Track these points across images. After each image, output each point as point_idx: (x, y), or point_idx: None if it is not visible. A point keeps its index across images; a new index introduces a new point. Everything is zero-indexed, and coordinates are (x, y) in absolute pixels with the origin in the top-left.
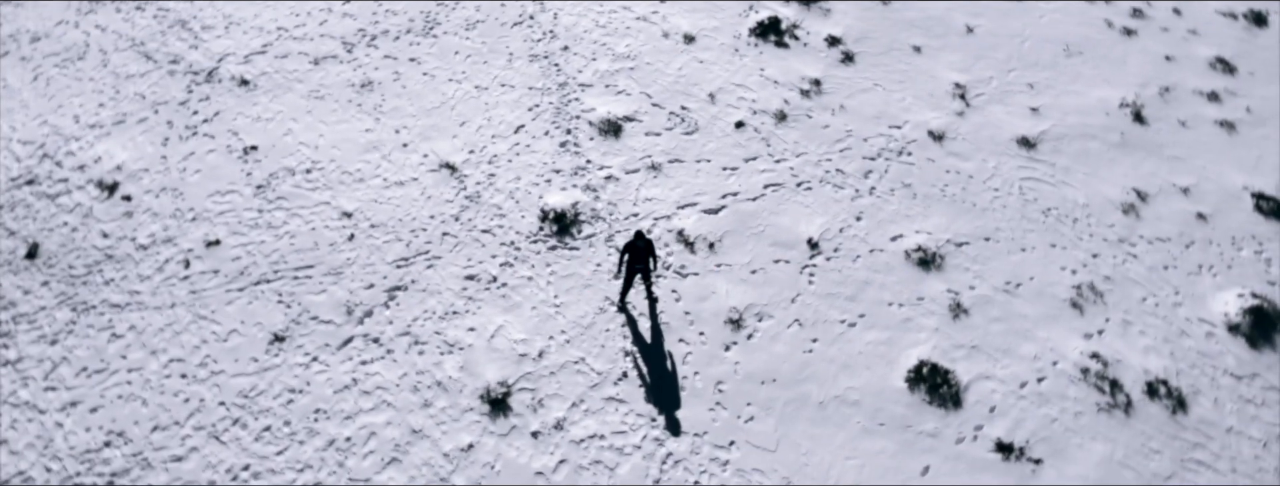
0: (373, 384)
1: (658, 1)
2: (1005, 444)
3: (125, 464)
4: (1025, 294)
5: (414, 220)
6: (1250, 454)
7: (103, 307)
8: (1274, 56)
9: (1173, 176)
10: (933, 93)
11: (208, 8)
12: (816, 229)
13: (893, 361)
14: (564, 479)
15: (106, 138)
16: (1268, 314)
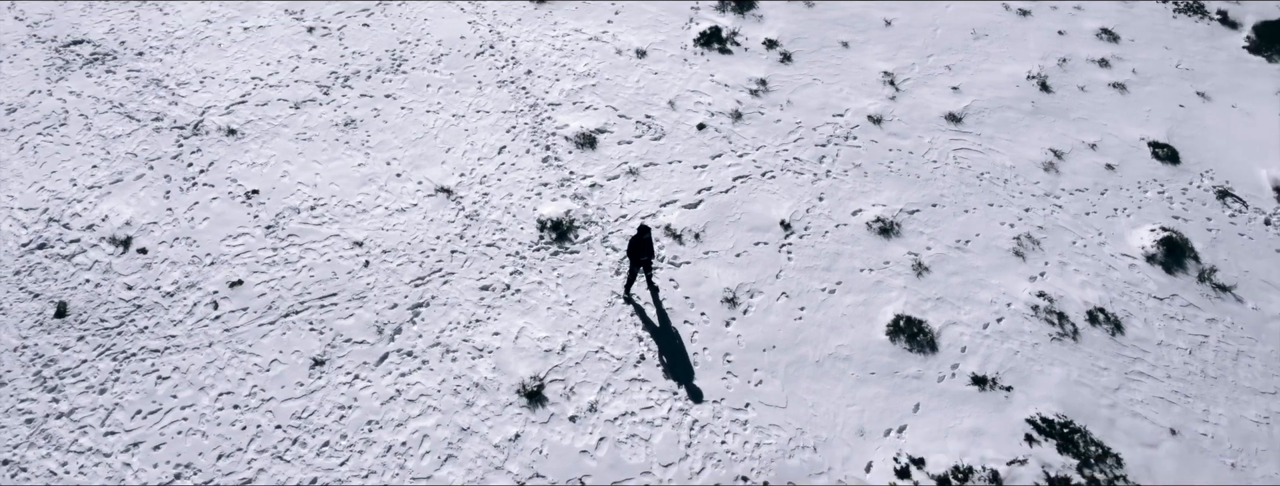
0: (416, 392)
1: (606, 23)
2: (979, 377)
3: None
4: (974, 248)
5: (422, 242)
6: (1180, 361)
7: (143, 354)
8: (1149, 24)
9: (1081, 135)
10: (865, 82)
11: (178, 65)
12: (786, 212)
13: (872, 319)
14: (606, 454)
15: (108, 197)
16: (1177, 243)
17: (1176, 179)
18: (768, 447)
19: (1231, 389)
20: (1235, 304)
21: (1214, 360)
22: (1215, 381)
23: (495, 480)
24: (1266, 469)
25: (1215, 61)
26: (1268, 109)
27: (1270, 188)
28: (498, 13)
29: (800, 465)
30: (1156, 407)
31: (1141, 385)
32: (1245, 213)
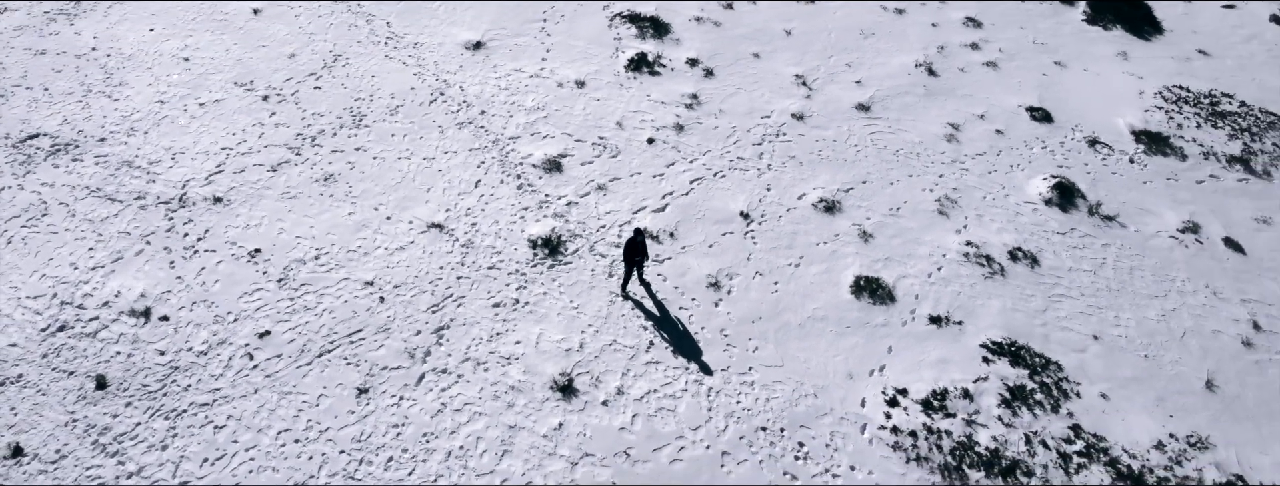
0: (460, 402)
1: (541, 61)
2: (935, 316)
3: None
4: (906, 213)
5: (428, 274)
6: (1088, 281)
7: (192, 409)
8: (1004, 9)
9: (970, 109)
10: (781, 85)
11: (145, 145)
12: (742, 204)
13: (836, 282)
14: (641, 427)
15: (114, 275)
16: (1066, 187)
17: (1053, 135)
18: (776, 400)
19: (1132, 297)
20: (1120, 229)
21: (1114, 276)
22: (1118, 293)
23: (552, 465)
24: (1171, 355)
25: (1063, 34)
26: (1112, 69)
27: (1128, 133)
28: (438, 62)
29: (806, 410)
30: (1078, 320)
31: (1063, 304)
32: (1113, 155)
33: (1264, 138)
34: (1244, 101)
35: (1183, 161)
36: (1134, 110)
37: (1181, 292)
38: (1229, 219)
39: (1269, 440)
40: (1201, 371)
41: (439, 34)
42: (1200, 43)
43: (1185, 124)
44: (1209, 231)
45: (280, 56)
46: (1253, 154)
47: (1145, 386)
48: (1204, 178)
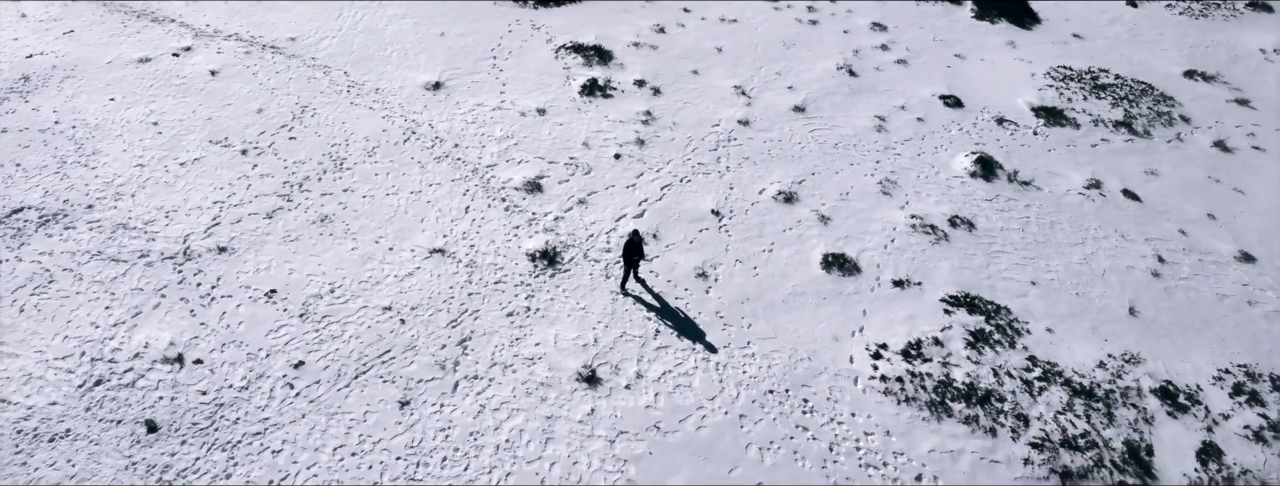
0: (497, 402)
1: (500, 94)
2: (898, 280)
3: None
4: (855, 197)
5: (440, 294)
6: (1018, 237)
7: (247, 439)
8: (903, 12)
9: (891, 102)
10: (723, 97)
11: (136, 208)
12: (711, 203)
13: (807, 261)
14: (665, 403)
15: (137, 329)
16: (986, 160)
17: (966, 117)
18: (777, 366)
19: (1056, 247)
20: (1037, 191)
21: (1038, 231)
22: (1044, 244)
23: (592, 445)
24: (1097, 290)
25: (957, 31)
26: (1005, 57)
27: (1028, 110)
28: (403, 104)
29: (804, 372)
30: (1016, 271)
31: (1001, 259)
32: (1019, 130)
33: (1139, 103)
34: (1118, 74)
35: (1077, 130)
36: (1030, 90)
37: (1096, 238)
38: (1123, 174)
39: (1186, 350)
40: (1124, 301)
41: (397, 79)
42: (1073, 28)
43: (1074, 98)
44: (1109, 186)
45: (248, 112)
46: (1133, 118)
47: (1080, 318)
48: (1097, 141)
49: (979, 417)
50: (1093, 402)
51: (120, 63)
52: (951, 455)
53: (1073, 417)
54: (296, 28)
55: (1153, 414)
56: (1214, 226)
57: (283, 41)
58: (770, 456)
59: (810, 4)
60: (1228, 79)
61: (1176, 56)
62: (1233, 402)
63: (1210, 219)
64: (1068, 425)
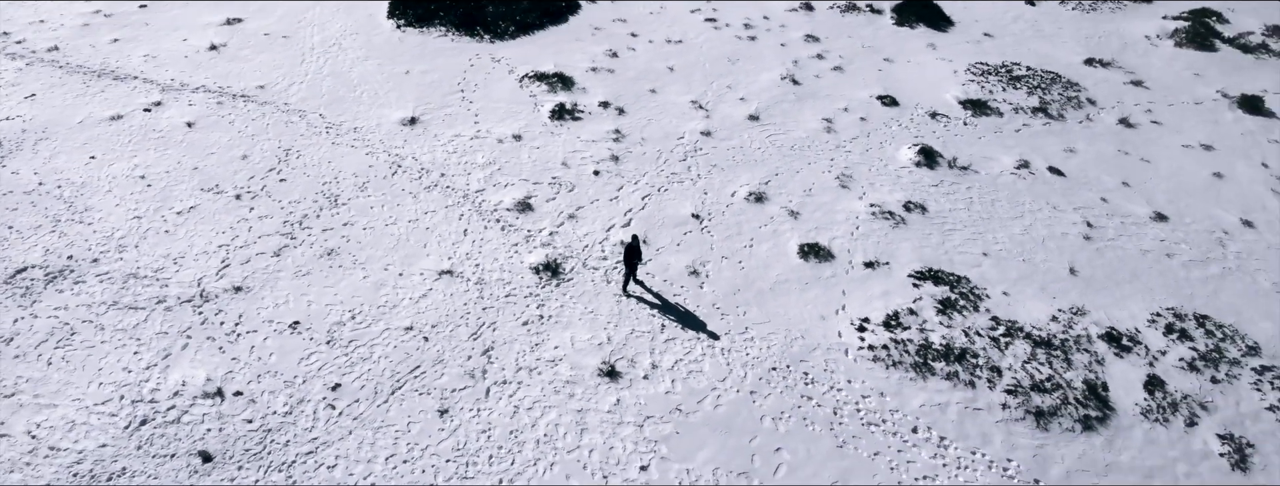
0: (529, 402)
1: (475, 124)
2: (868, 262)
3: None
4: (817, 192)
5: (456, 311)
6: (965, 216)
7: (301, 458)
8: (832, 24)
9: (834, 105)
10: (683, 112)
11: (142, 257)
12: (690, 208)
13: (785, 252)
14: (682, 387)
15: (170, 369)
16: (928, 150)
17: (903, 114)
18: (775, 346)
19: (1000, 221)
20: (975, 174)
21: (982, 209)
22: (989, 220)
23: (624, 431)
24: (1040, 256)
25: (882, 37)
26: (928, 58)
27: (956, 103)
28: (383, 140)
29: (800, 349)
30: (969, 245)
31: (954, 236)
32: (951, 121)
33: (1051, 90)
34: (1029, 66)
35: (1001, 117)
36: (955, 85)
37: (1031, 211)
38: (1046, 153)
39: (1122, 300)
40: (1063, 263)
41: (373, 117)
42: (983, 28)
43: (994, 89)
44: (1036, 165)
45: (233, 159)
46: (1047, 103)
47: (1030, 281)
48: (1019, 127)
49: (958, 373)
50: (1052, 351)
51: (92, 121)
52: (940, 407)
53: (1037, 365)
54: (262, 76)
55: (1103, 356)
56: (1129, 192)
57: (252, 90)
58: (783, 424)
59: (746, 21)
60: (1122, 64)
61: (1076, 47)
62: (1167, 340)
63: (1125, 186)
64: (1034, 372)
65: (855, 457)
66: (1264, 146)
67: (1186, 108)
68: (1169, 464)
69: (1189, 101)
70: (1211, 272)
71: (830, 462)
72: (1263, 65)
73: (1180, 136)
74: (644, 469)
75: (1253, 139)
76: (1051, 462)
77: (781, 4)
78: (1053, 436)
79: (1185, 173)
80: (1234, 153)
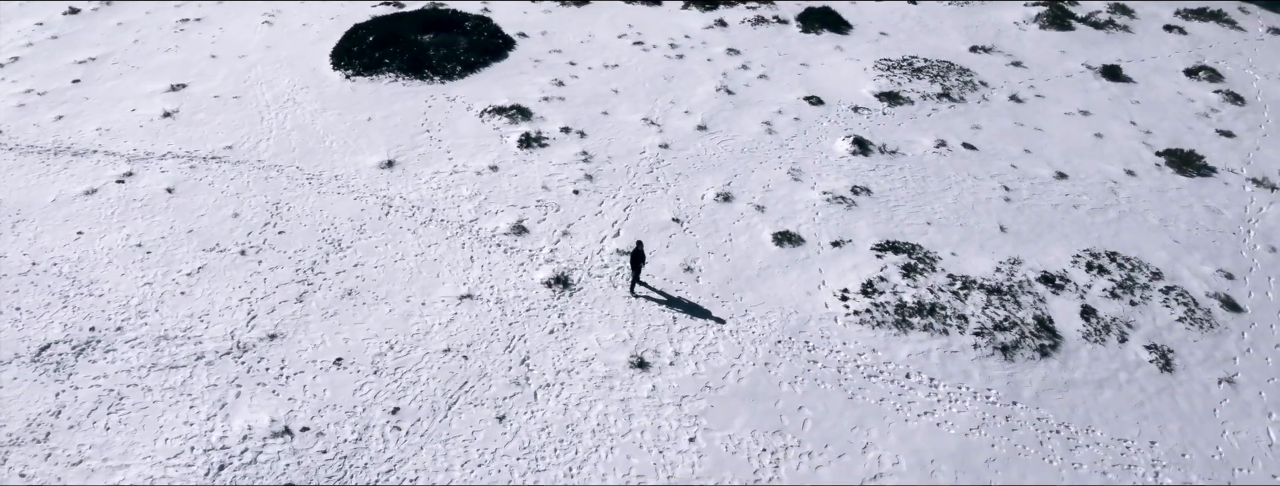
0: (575, 399)
1: (449, 161)
2: (835, 242)
3: None
4: (775, 187)
5: (485, 330)
6: (905, 192)
7: (381, 477)
8: (748, 36)
9: (769, 109)
10: (638, 129)
11: (166, 320)
12: (669, 213)
13: (761, 242)
14: (705, 368)
15: (231, 417)
16: (861, 140)
17: (830, 111)
18: (775, 323)
19: (932, 194)
20: (903, 157)
21: (916, 185)
22: (924, 194)
23: (666, 411)
24: (973, 219)
25: (793, 45)
26: (838, 59)
27: (872, 96)
28: (367, 185)
29: (796, 323)
30: (913, 217)
31: (899, 211)
32: (872, 113)
33: (949, 77)
34: (926, 58)
35: (913, 105)
36: (868, 81)
37: (957, 183)
38: (957, 132)
39: (1046, 248)
40: (993, 223)
41: (349, 164)
42: (878, 28)
43: (902, 81)
44: (951, 143)
45: (226, 219)
46: (949, 89)
47: (969, 241)
48: (929, 111)
49: (933, 324)
50: (1002, 296)
51: (66, 198)
52: (923, 354)
53: (994, 309)
54: (226, 137)
55: (1043, 295)
56: (1032, 158)
57: (221, 151)
58: (799, 387)
59: (670, 41)
60: (1000, 48)
61: (959, 37)
62: (1089, 276)
63: (1027, 153)
64: (993, 315)
65: (865, 405)
66: (1129, 107)
67: (1060, 80)
68: (1112, 374)
69: (1061, 75)
70: (1110, 217)
71: (846, 412)
72: (1112, 38)
73: (1061, 106)
74: (692, 440)
75: (1119, 102)
76: (1022, 386)
77: (697, 23)
78: (1019, 365)
79: (1072, 136)
80: (1107, 115)
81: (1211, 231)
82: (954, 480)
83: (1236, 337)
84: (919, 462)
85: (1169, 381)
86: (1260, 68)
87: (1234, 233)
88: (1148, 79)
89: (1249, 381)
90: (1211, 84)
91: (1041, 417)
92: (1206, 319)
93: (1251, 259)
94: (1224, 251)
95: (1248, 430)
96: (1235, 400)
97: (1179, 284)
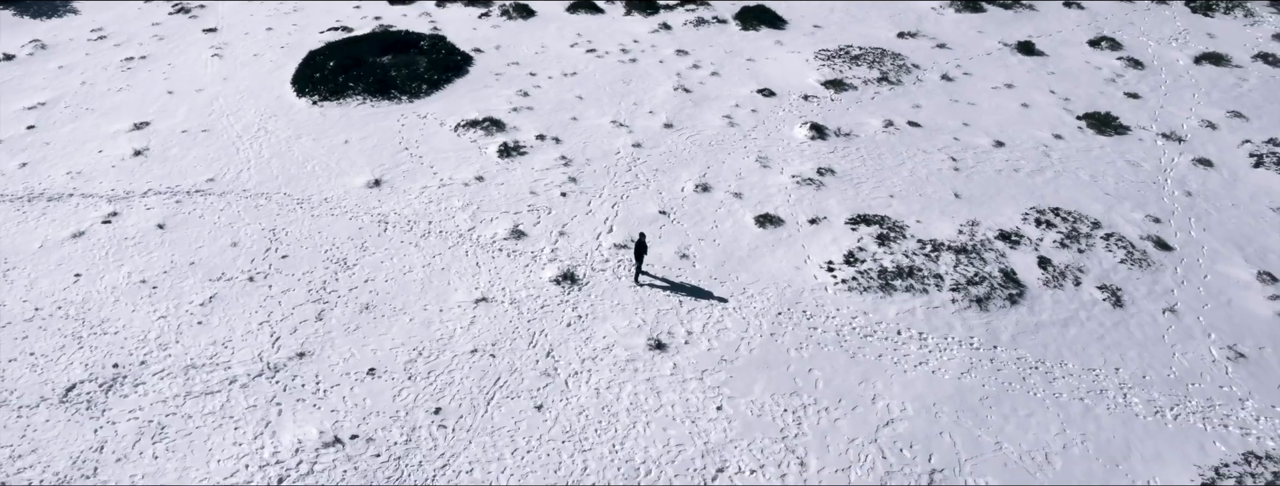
0: (605, 383)
1: (433, 176)
2: (811, 219)
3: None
4: (747, 175)
5: (506, 329)
6: (864, 171)
7: (438, 472)
8: (694, 37)
9: (726, 103)
10: (609, 131)
11: (190, 350)
12: (655, 207)
13: (745, 225)
14: (718, 343)
15: (277, 434)
16: (818, 125)
17: (783, 102)
18: (772, 298)
19: (889, 169)
20: (857, 138)
21: (874, 162)
22: (882, 170)
23: (690, 384)
24: (930, 189)
25: (737, 42)
26: (781, 53)
27: (819, 85)
28: (358, 204)
29: (791, 295)
30: (876, 191)
31: (862, 187)
32: (821, 100)
33: (884, 62)
34: (860, 46)
35: (857, 90)
36: (812, 71)
37: (909, 158)
38: (900, 112)
39: (998, 209)
40: (948, 191)
41: (337, 186)
42: (812, 21)
43: (843, 69)
44: (897, 122)
45: (225, 248)
46: (886, 73)
47: (930, 209)
48: (872, 95)
49: (913, 285)
50: (969, 255)
51: (54, 243)
52: (909, 312)
53: (964, 267)
54: (206, 170)
55: (1003, 251)
56: (971, 130)
57: (203, 184)
58: (805, 352)
59: (621, 46)
60: (925, 33)
61: (886, 25)
62: (1039, 231)
63: (966, 126)
64: (964, 273)
65: (867, 362)
66: (1046, 78)
67: (982, 58)
68: (1073, 314)
69: (982, 53)
70: (1048, 177)
71: (852, 370)
72: (1021, 17)
73: (987, 81)
74: (719, 408)
75: (1036, 74)
76: (1000, 332)
77: (642, 28)
78: (993, 314)
79: (1002, 108)
80: (1029, 87)
81: (1135, 182)
82: (956, 420)
83: (1171, 272)
84: (923, 406)
85: (1122, 315)
86: (1151, 34)
87: (1154, 182)
88: (1058, 51)
89: (1187, 309)
90: (1113, 52)
91: (1020, 357)
92: (1144, 258)
93: (1172, 203)
94: (1149, 199)
95: (1193, 350)
96: (1179, 326)
97: (1116, 230)
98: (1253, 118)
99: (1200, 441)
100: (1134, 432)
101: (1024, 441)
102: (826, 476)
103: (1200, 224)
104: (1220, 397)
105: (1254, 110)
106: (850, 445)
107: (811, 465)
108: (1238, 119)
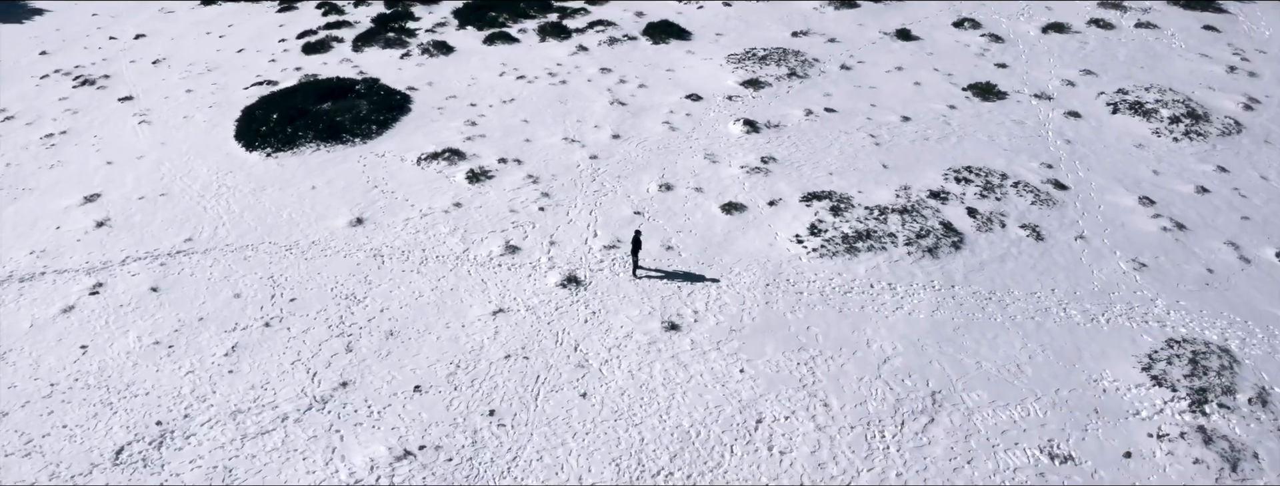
0: (635, 366)
1: (412, 208)
2: (770, 201)
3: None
4: (700, 172)
5: (530, 333)
6: (800, 155)
7: (510, 465)
8: (607, 55)
9: (660, 111)
10: (563, 147)
11: (232, 396)
12: (629, 209)
13: (713, 215)
14: (725, 323)
15: (347, 457)
16: (749, 121)
17: (710, 105)
18: (757, 273)
19: (822, 151)
20: (785, 128)
21: (806, 145)
22: (816, 152)
23: (711, 356)
24: (861, 163)
25: (652, 56)
26: (695, 61)
27: (739, 85)
28: (347, 242)
29: (773, 268)
30: (816, 171)
31: (804, 169)
32: (744, 98)
33: (788, 60)
34: (764, 48)
35: (772, 87)
36: (729, 74)
37: (835, 139)
38: (815, 101)
39: (923, 173)
40: (876, 163)
41: (319, 230)
42: (713, 30)
43: (755, 70)
44: (815, 111)
45: (230, 300)
46: (794, 69)
47: (866, 180)
48: (787, 89)
49: (873, 245)
50: (911, 214)
51: (45, 320)
52: (876, 268)
53: (911, 225)
54: (178, 231)
55: (937, 207)
56: (879, 109)
57: (181, 245)
58: (799, 313)
59: (547, 70)
60: (814, 30)
61: (779, 27)
62: (961, 187)
63: (873, 107)
64: (912, 229)
65: (853, 313)
66: (927, 59)
67: (870, 47)
68: (1006, 250)
69: (867, 43)
70: (953, 141)
71: (842, 322)
72: (891, 8)
73: (880, 67)
74: (742, 371)
75: (918, 56)
76: (953, 274)
77: (561, 52)
78: (943, 261)
79: (900, 88)
80: (916, 67)
81: (1024, 137)
82: (939, 349)
83: (1073, 206)
84: (911, 343)
85: (1045, 246)
86: (1002, 12)
87: (1039, 135)
88: (930, 35)
89: (1093, 234)
90: (975, 31)
91: (975, 292)
92: (1048, 198)
93: (1058, 151)
94: (1039, 149)
95: (1106, 266)
96: (1090, 248)
97: (1021, 178)
98: (1100, 74)
99: (1131, 336)
100: (1079, 338)
101: (997, 358)
102: (848, 411)
103: (1084, 165)
104: (1136, 300)
105: (1099, 67)
106: (860, 383)
107: (834, 404)
108: (1089, 75)
